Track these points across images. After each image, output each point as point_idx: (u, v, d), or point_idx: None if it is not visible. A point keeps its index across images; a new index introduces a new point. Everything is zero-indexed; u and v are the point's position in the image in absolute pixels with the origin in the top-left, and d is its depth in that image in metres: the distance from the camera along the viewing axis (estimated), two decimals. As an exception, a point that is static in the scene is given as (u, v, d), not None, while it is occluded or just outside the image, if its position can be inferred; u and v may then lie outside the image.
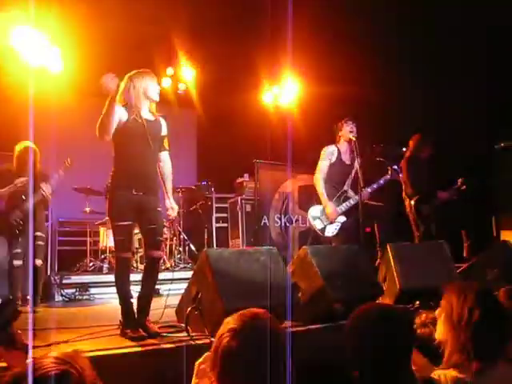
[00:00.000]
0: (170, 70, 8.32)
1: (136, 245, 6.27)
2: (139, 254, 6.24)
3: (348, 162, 5.19)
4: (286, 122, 7.40)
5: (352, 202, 5.06)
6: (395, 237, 4.95)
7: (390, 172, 5.18)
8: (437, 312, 1.99)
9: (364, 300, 1.95)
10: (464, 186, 5.54)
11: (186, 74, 8.31)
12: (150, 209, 3.33)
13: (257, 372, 1.33)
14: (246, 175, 7.67)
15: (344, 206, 5.06)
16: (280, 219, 7.15)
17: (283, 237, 7.14)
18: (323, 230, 5.05)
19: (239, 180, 7.76)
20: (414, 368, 1.63)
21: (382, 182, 5.15)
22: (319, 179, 5.10)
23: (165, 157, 3.55)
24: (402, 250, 4.22)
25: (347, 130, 5.10)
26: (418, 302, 3.72)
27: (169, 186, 3.59)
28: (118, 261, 3.29)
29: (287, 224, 7.17)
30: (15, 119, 7.60)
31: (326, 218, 5.06)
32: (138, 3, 6.45)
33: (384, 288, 4.07)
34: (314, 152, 7.63)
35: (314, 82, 7.50)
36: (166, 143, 3.55)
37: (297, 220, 7.23)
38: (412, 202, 5.52)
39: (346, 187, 5.17)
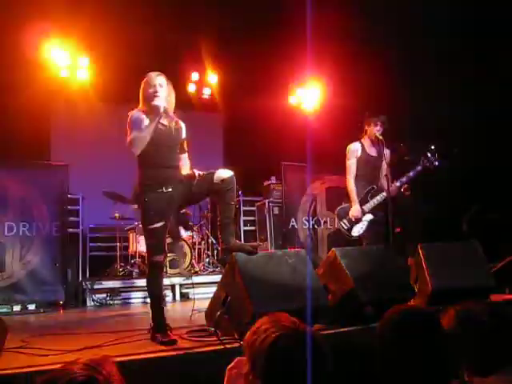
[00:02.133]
0: (195, 75, 8.37)
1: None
2: (168, 259, 6.27)
3: (374, 154, 5.06)
4: (312, 124, 7.37)
5: (379, 198, 4.91)
6: (429, 234, 4.84)
7: (422, 162, 4.97)
8: None
9: (395, 302, 1.91)
10: (407, 192, 5.14)
11: (211, 79, 8.35)
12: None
13: (299, 374, 1.33)
14: (273, 178, 7.65)
15: (371, 204, 4.93)
16: (308, 221, 7.10)
17: (311, 239, 7.09)
18: (349, 230, 4.96)
19: (266, 183, 7.74)
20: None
21: (411, 174, 4.97)
22: (350, 179, 5.03)
23: (185, 159, 3.58)
24: (433, 250, 4.14)
25: (374, 130, 5.01)
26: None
27: None
28: (151, 265, 3.31)
29: (315, 226, 7.11)
30: (47, 127, 7.80)
31: (351, 217, 4.96)
32: (164, 11, 6.53)
33: (416, 289, 3.99)
34: (340, 153, 7.59)
35: (340, 84, 7.45)
36: (185, 145, 3.57)
37: (325, 222, 7.16)
38: None
39: (376, 182, 5.03)
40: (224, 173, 3.39)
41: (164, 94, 3.35)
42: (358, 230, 4.94)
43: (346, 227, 4.97)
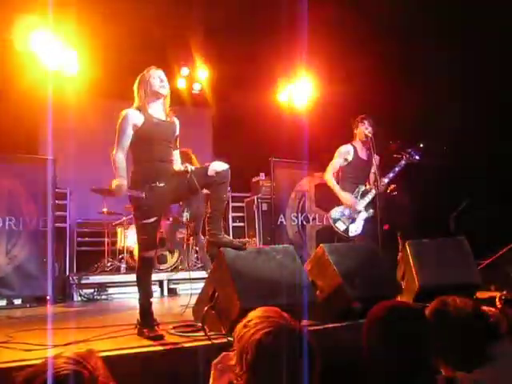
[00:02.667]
0: (184, 71, 8.34)
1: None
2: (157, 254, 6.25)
3: (365, 158, 5.12)
4: (302, 120, 7.37)
5: (370, 196, 4.96)
6: (417, 231, 4.87)
7: (404, 157, 5.06)
8: None
9: (382, 298, 1.92)
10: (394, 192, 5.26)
11: (200, 74, 8.32)
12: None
13: (287, 371, 1.32)
14: (262, 174, 7.65)
15: (362, 202, 4.97)
16: (297, 218, 7.11)
17: (300, 235, 7.10)
18: (346, 230, 4.95)
19: (255, 179, 7.74)
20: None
21: (397, 169, 5.03)
22: (329, 177, 5.08)
23: (176, 155, 3.57)
24: (420, 247, 4.17)
25: (362, 130, 5.05)
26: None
27: None
28: (141, 260, 3.30)
29: (304, 222, 7.13)
30: (34, 121, 7.72)
31: (346, 218, 4.98)
32: (152, 5, 6.47)
33: (403, 286, 4.02)
34: (329, 150, 7.60)
35: (330, 80, 7.45)
36: (177, 142, 3.56)
37: (314, 218, 7.18)
38: None
39: (364, 184, 5.09)
40: (219, 165, 3.38)
41: (168, 86, 3.41)
42: (354, 230, 4.95)
43: (342, 228, 4.97)
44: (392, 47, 6.64)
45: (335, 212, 5.03)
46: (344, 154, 5.13)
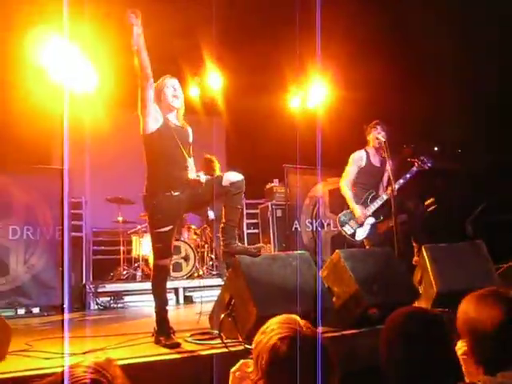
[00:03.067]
0: (196, 79, 8.38)
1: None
2: (172, 262, 6.27)
3: (378, 165, 5.13)
4: (315, 125, 7.36)
5: (379, 201, 4.97)
6: (430, 236, 4.84)
7: (416, 164, 5.04)
8: None
9: (400, 304, 1.90)
10: (433, 207, 5.26)
11: (213, 82, 8.36)
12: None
13: (303, 374, 1.32)
14: (276, 180, 7.64)
15: (372, 207, 4.98)
16: (311, 224, 7.09)
17: (315, 241, 7.08)
18: (353, 234, 4.98)
19: (269, 185, 7.74)
20: (466, 373, 1.57)
21: (408, 175, 5.02)
22: (344, 185, 5.10)
23: (191, 163, 3.58)
24: (438, 252, 4.12)
25: (374, 136, 5.06)
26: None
27: None
28: (156, 268, 3.31)
29: (318, 228, 7.10)
30: (49, 132, 7.81)
31: (354, 222, 5.00)
32: (165, 14, 6.52)
33: (420, 291, 3.98)
34: (342, 155, 7.58)
35: (342, 85, 7.45)
36: (191, 150, 3.58)
37: (328, 224, 7.15)
38: None
39: (376, 189, 5.09)
40: (233, 176, 3.39)
41: (181, 96, 3.46)
42: (361, 234, 4.98)
43: (349, 232, 5.00)
44: (405, 51, 6.63)
45: (343, 216, 5.07)
46: (357, 160, 5.14)
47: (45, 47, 6.36)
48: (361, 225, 4.97)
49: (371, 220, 4.98)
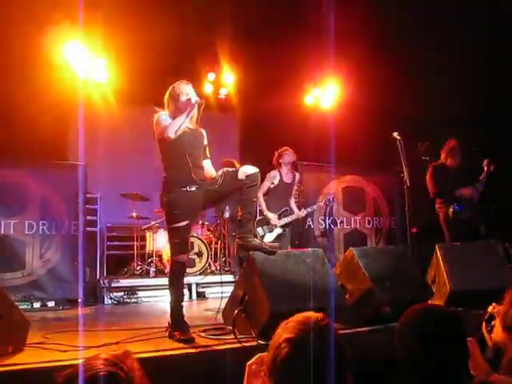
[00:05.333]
0: (211, 76, 8.40)
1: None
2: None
3: (289, 181, 5.83)
4: (329, 123, 7.35)
5: (289, 218, 5.78)
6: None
7: (323, 201, 6.29)
8: (495, 311, 1.91)
9: (413, 302, 1.90)
10: (492, 167, 5.53)
11: (227, 79, 8.37)
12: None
13: (314, 371, 1.32)
14: (290, 177, 7.63)
15: (283, 221, 5.73)
16: (324, 221, 7.08)
17: (328, 239, 7.07)
18: (263, 236, 5.65)
19: (283, 182, 7.73)
20: (473, 372, 1.57)
21: (309, 209, 6.10)
22: (259, 196, 5.51)
23: (208, 164, 3.61)
24: (451, 250, 4.11)
25: (287, 159, 5.77)
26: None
27: None
28: (173, 264, 3.34)
29: (332, 226, 7.09)
30: (65, 128, 7.89)
31: (266, 227, 5.71)
32: (180, 12, 6.55)
33: (433, 290, 3.97)
34: (357, 153, 7.56)
35: (357, 84, 7.42)
36: (207, 152, 3.61)
37: (341, 222, 7.14)
38: (437, 206, 5.56)
39: (288, 203, 5.86)
40: (249, 168, 3.41)
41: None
42: (268, 239, 5.61)
43: (261, 234, 5.67)
44: (417, 51, 6.60)
45: (259, 220, 5.78)
46: (272, 178, 5.76)
47: (62, 44, 6.44)
48: (270, 231, 5.70)
49: (279, 230, 5.72)
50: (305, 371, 1.32)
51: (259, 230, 5.70)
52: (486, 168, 5.58)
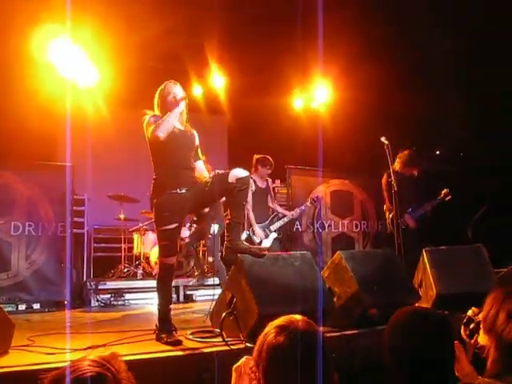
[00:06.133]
0: (200, 78, 8.40)
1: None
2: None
3: (264, 186, 5.94)
4: (317, 127, 7.38)
5: (281, 222, 5.98)
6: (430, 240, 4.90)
7: (309, 201, 6.26)
8: (480, 316, 1.93)
9: (400, 305, 1.91)
10: (449, 197, 5.57)
11: (216, 82, 8.37)
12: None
13: (302, 369, 1.34)
14: (278, 181, 7.65)
15: (276, 225, 5.92)
16: (312, 224, 7.10)
17: (316, 242, 7.09)
18: (260, 242, 5.74)
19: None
20: (458, 375, 1.58)
21: (303, 207, 6.21)
22: (249, 210, 5.68)
23: (200, 165, 3.61)
24: (438, 254, 4.14)
25: (265, 172, 5.87)
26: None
27: None
28: (162, 266, 3.33)
29: (319, 229, 7.12)
30: (52, 129, 7.83)
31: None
32: (169, 13, 6.54)
33: (420, 294, 4.00)
34: (345, 156, 7.59)
35: (345, 87, 7.46)
36: (199, 153, 3.61)
37: (329, 225, 7.17)
38: (390, 215, 5.59)
39: (277, 208, 6.12)
40: (240, 172, 3.40)
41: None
42: (266, 244, 5.74)
43: (258, 241, 5.73)
44: (406, 53, 6.65)
45: (248, 231, 5.83)
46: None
47: (50, 45, 6.40)
48: (266, 236, 5.83)
49: (274, 235, 5.91)
50: (292, 354, 1.35)
51: (255, 238, 5.77)
52: (442, 196, 5.59)
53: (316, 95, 8.13)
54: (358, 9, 6.43)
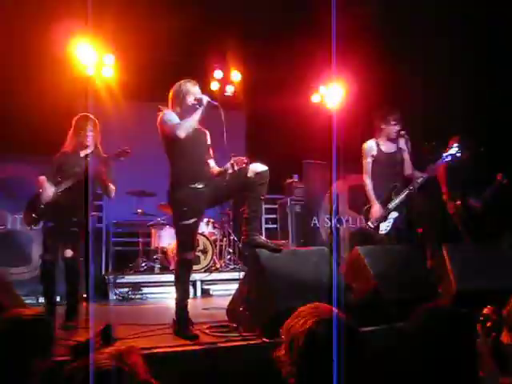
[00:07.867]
0: (218, 73, 8.39)
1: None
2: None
3: (392, 150, 4.90)
4: (334, 122, 7.33)
5: (402, 195, 4.75)
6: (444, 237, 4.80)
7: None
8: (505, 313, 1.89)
9: (419, 301, 1.88)
10: (505, 180, 5.45)
11: (234, 77, 8.36)
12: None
13: (337, 358, 1.34)
14: (296, 176, 7.63)
15: (396, 202, 4.74)
16: (330, 220, 7.07)
17: (333, 238, 7.06)
18: (377, 228, 4.73)
19: (288, 181, 7.72)
20: (482, 374, 1.56)
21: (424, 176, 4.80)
22: (365, 179, 4.92)
23: (212, 164, 3.62)
24: (458, 250, 4.08)
25: (392, 131, 4.85)
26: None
27: None
28: (180, 261, 3.34)
29: (337, 225, 7.08)
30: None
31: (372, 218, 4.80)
32: (188, 8, 6.55)
33: (440, 290, 3.94)
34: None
35: (363, 83, 7.39)
36: (211, 152, 3.64)
37: (347, 221, 7.13)
38: (458, 202, 5.40)
39: (399, 178, 4.89)
40: (258, 166, 3.41)
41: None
42: (384, 228, 4.72)
43: (373, 226, 4.76)
44: (425, 52, 6.59)
45: (366, 210, 4.87)
46: (368, 150, 4.94)
47: (68, 40, 6.46)
48: (384, 219, 4.73)
49: (394, 214, 4.74)
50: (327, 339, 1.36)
51: (370, 222, 4.78)
52: (499, 180, 5.49)
53: (334, 90, 8.07)
54: (374, 8, 6.39)
